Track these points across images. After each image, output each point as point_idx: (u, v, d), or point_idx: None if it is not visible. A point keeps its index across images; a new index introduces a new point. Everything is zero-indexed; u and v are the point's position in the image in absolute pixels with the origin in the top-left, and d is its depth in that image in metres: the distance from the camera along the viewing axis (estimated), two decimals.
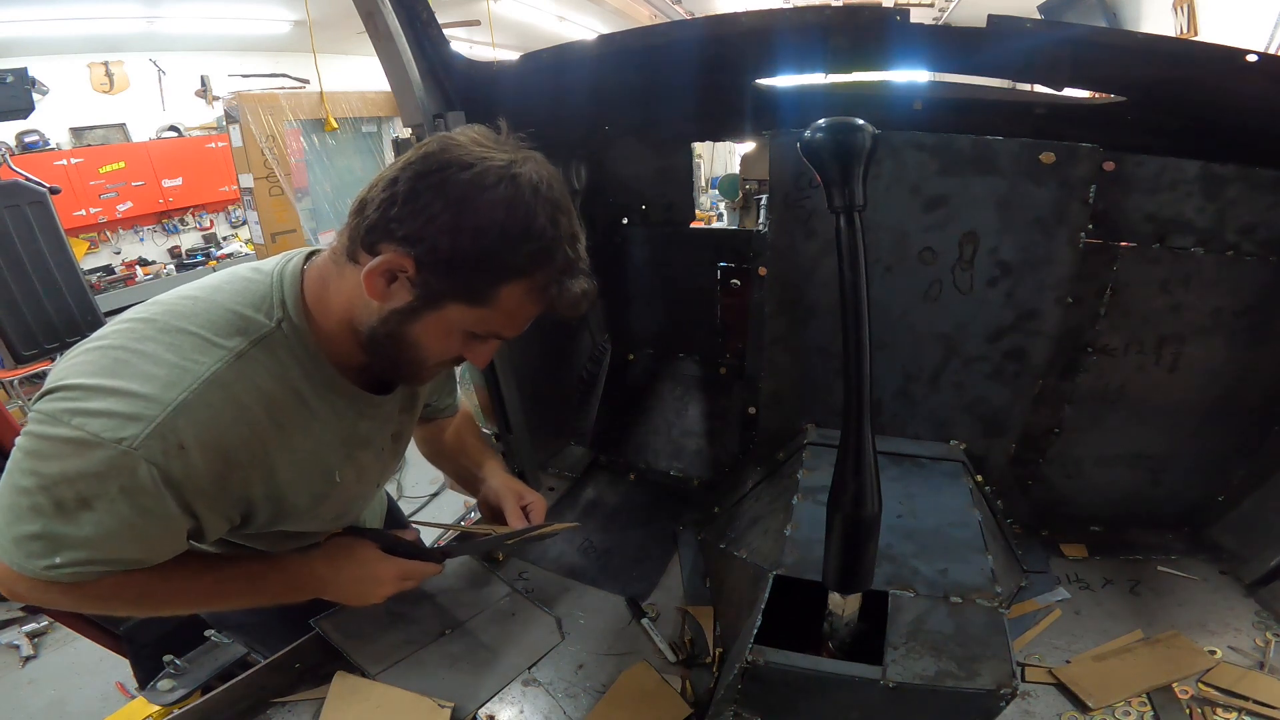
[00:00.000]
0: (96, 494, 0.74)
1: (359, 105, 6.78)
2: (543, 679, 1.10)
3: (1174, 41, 1.15)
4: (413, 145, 0.92)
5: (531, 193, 0.78)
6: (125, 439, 0.72)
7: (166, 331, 0.79)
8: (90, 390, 0.74)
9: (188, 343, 0.79)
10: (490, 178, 0.77)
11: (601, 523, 1.55)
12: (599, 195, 1.64)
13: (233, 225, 7.77)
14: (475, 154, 0.78)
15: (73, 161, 6.03)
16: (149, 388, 0.75)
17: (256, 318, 0.84)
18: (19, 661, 2.83)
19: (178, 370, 0.76)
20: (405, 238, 0.77)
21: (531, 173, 0.79)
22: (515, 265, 0.80)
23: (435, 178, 0.77)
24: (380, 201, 0.79)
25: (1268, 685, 0.99)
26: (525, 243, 0.79)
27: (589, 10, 8.22)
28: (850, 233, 0.77)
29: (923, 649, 0.92)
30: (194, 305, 0.83)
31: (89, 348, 0.79)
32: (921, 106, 1.28)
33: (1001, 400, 1.34)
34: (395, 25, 1.12)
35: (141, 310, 0.83)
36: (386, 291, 0.81)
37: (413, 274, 0.79)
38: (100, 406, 0.73)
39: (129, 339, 0.79)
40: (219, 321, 0.81)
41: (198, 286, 0.87)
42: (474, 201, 0.77)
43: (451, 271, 0.79)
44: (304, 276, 0.89)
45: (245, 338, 0.82)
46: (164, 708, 1.48)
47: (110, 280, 6.51)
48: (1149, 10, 5.26)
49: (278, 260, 0.91)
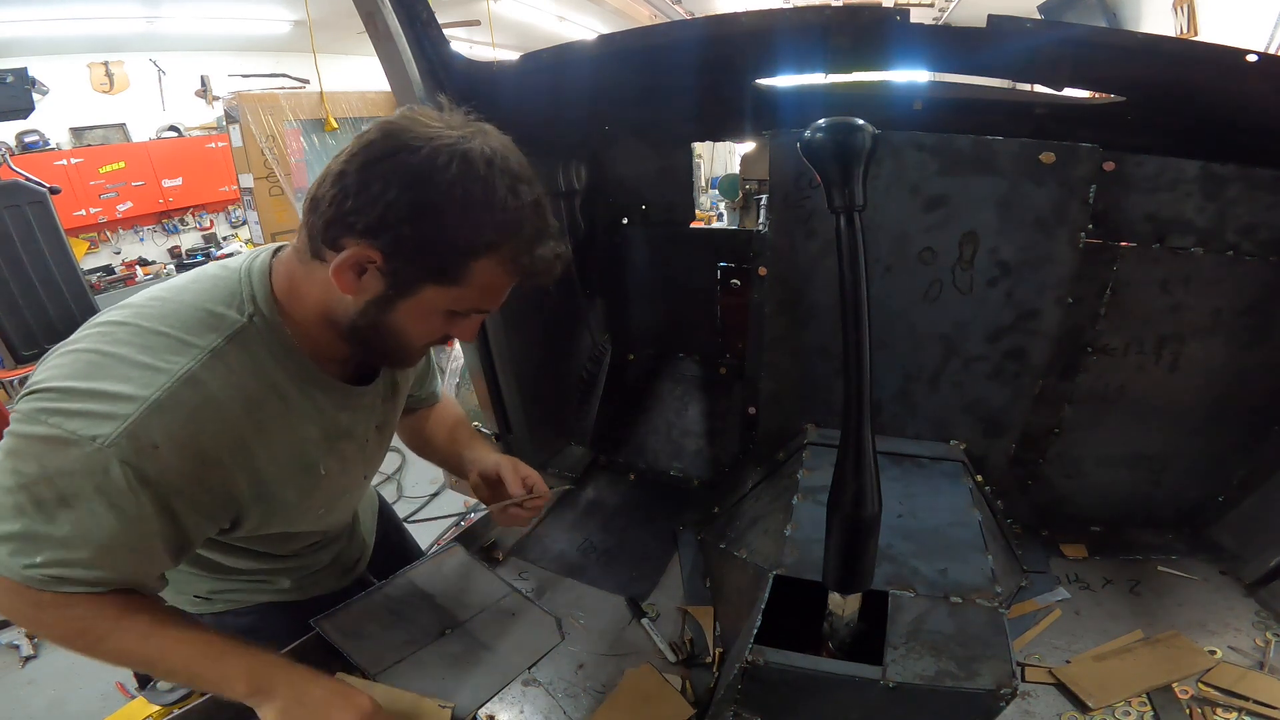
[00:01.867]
0: (74, 492, 0.74)
1: (359, 105, 6.78)
2: (543, 679, 1.10)
3: (1174, 41, 1.15)
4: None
5: (485, 166, 0.77)
6: (99, 437, 0.73)
7: (140, 334, 0.79)
8: (66, 392, 0.75)
9: (160, 343, 0.79)
10: (442, 157, 0.75)
11: (601, 523, 1.55)
12: (599, 195, 1.64)
13: (233, 225, 7.78)
14: (422, 135, 0.76)
15: (73, 161, 6.03)
16: (123, 388, 0.75)
17: (228, 314, 0.83)
18: (19, 661, 2.83)
19: (150, 371, 0.77)
20: (366, 229, 0.76)
21: (482, 145, 0.77)
22: (483, 241, 0.79)
23: (385, 165, 0.75)
24: (331, 197, 0.77)
25: (1268, 685, 0.99)
26: (488, 216, 0.78)
27: (589, 10, 8.22)
28: (850, 233, 0.77)
29: (923, 649, 0.92)
30: (163, 306, 0.83)
31: (64, 351, 0.80)
32: (921, 106, 1.28)
33: (1001, 400, 1.34)
34: (395, 25, 1.12)
35: (113, 313, 0.83)
36: (358, 284, 0.80)
37: (381, 264, 0.78)
38: (76, 407, 0.74)
39: (102, 342, 0.79)
40: (190, 320, 0.81)
41: (165, 288, 0.86)
42: (429, 183, 0.75)
43: (420, 256, 0.79)
44: (272, 271, 0.88)
45: (218, 334, 0.81)
46: (164, 708, 1.48)
47: (110, 280, 6.52)
48: (1149, 10, 5.27)
49: (244, 257, 0.90)
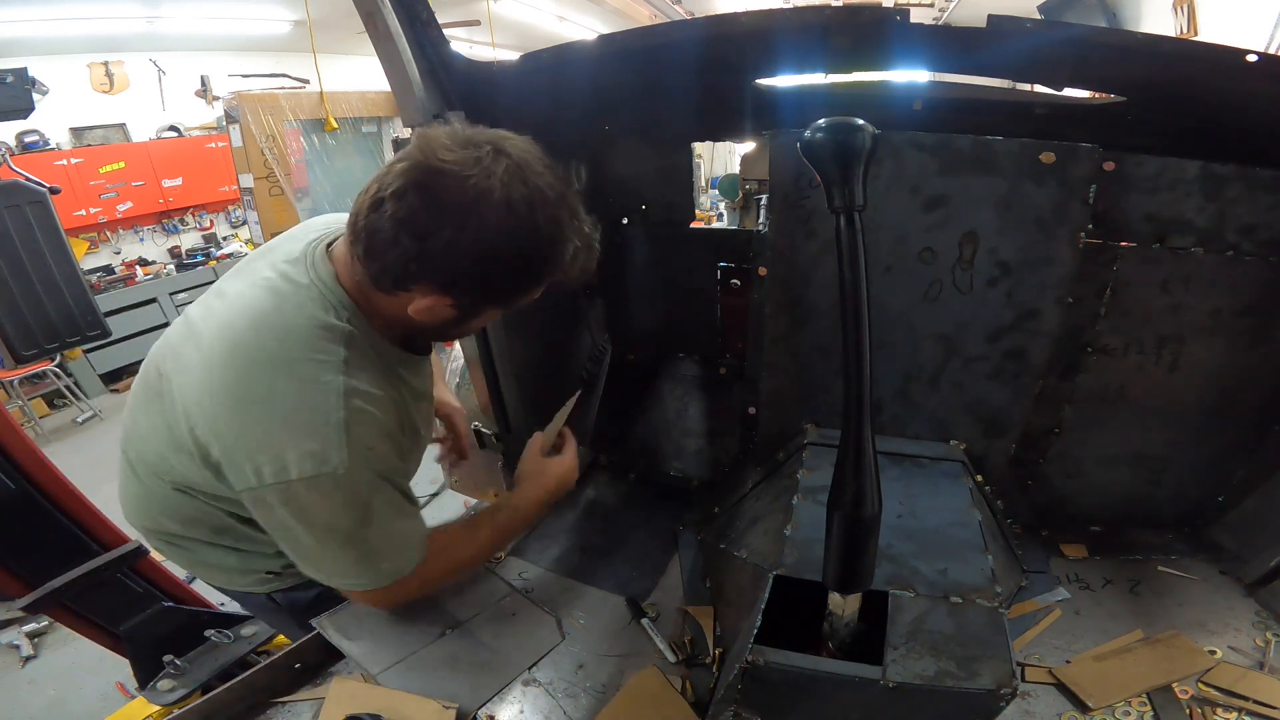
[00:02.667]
0: (362, 502, 0.93)
1: (359, 105, 6.79)
2: (543, 679, 1.10)
3: (1174, 41, 1.15)
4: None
5: (527, 207, 0.85)
6: (336, 465, 0.88)
7: (277, 367, 0.90)
8: (282, 464, 0.88)
9: (306, 371, 0.90)
10: (492, 215, 0.83)
11: (601, 523, 1.55)
12: (599, 195, 1.64)
13: (233, 225, 7.77)
14: (469, 187, 0.82)
15: (73, 161, 6.03)
16: (312, 420, 0.89)
17: (334, 322, 0.94)
18: (19, 661, 2.83)
19: (319, 396, 0.89)
20: (438, 282, 0.88)
21: (518, 187, 0.84)
22: (536, 275, 0.93)
23: (443, 220, 0.83)
24: (387, 241, 0.85)
25: (1268, 685, 0.99)
26: (539, 256, 0.90)
27: (589, 10, 8.22)
28: (850, 233, 0.77)
29: (923, 649, 0.92)
30: (276, 332, 0.91)
31: (228, 412, 0.90)
32: (921, 106, 1.28)
33: (1001, 400, 1.34)
34: (395, 25, 1.12)
35: (226, 353, 0.92)
36: (431, 315, 0.93)
37: (452, 304, 0.91)
38: (300, 460, 0.88)
39: (255, 389, 0.89)
40: (310, 338, 0.91)
41: (250, 312, 0.94)
42: (490, 243, 0.84)
43: (485, 298, 0.94)
44: (338, 275, 0.97)
45: (338, 343, 0.92)
46: (164, 708, 1.48)
47: (110, 280, 6.51)
48: (1149, 10, 5.27)
49: (295, 266, 0.98)
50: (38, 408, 5.69)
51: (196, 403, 0.93)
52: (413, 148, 0.86)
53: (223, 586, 1.26)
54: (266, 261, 1.01)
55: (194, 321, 1.02)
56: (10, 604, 1.53)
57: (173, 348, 1.03)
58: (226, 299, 1.00)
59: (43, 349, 3.95)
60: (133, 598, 1.65)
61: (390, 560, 1.01)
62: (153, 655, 1.53)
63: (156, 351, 1.08)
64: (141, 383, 1.08)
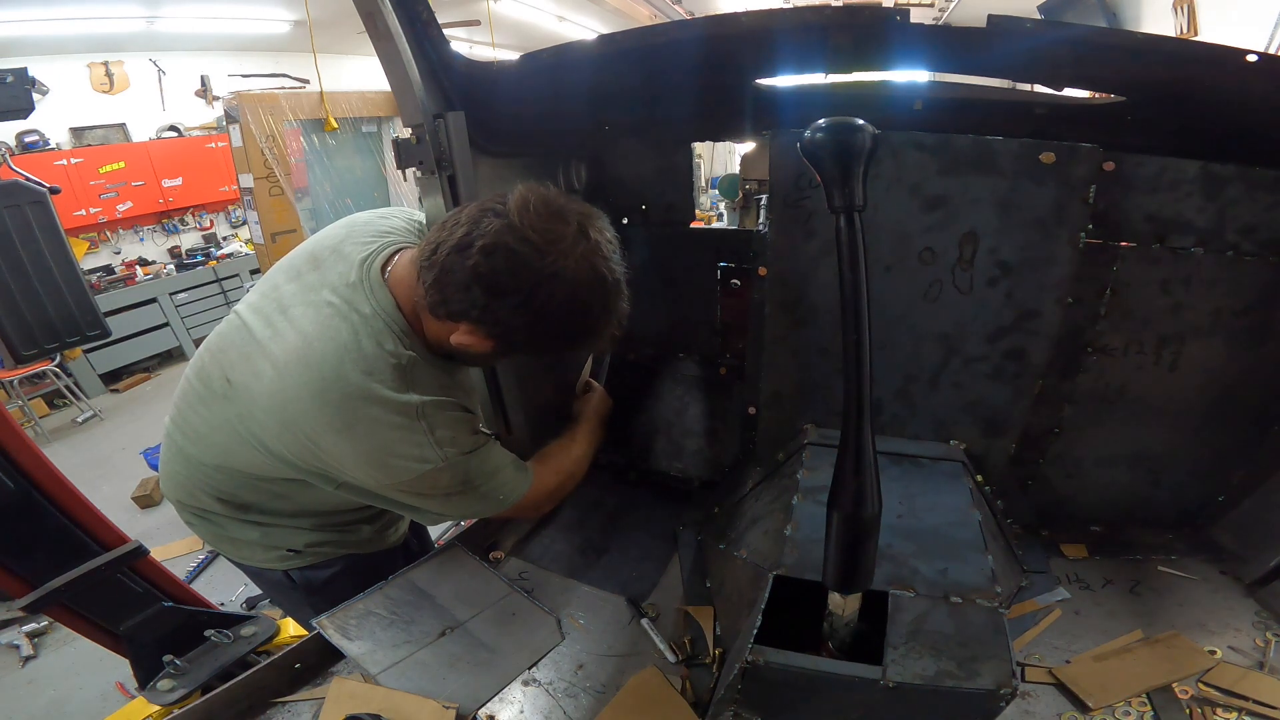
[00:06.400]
0: (462, 472, 1.14)
1: (359, 105, 6.79)
2: (543, 679, 1.10)
3: (1174, 41, 1.15)
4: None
5: (588, 293, 1.01)
6: (435, 459, 1.09)
7: (368, 398, 1.04)
8: (387, 465, 1.08)
9: (389, 396, 1.05)
10: (559, 294, 0.98)
11: (601, 523, 1.55)
12: (599, 195, 1.64)
13: (233, 225, 7.78)
14: (547, 264, 0.96)
15: (73, 161, 6.04)
16: (407, 434, 1.07)
17: (401, 350, 1.08)
18: (19, 661, 2.83)
19: (404, 416, 1.06)
20: (489, 329, 1.03)
21: (587, 271, 0.99)
22: (576, 346, 1.14)
23: (517, 285, 0.98)
24: (460, 285, 0.99)
25: (1268, 685, 0.99)
26: (586, 334, 1.07)
27: (589, 10, 8.22)
28: (850, 233, 0.77)
29: (923, 649, 0.92)
30: (356, 366, 1.04)
31: (334, 435, 1.07)
32: (921, 106, 1.28)
33: (1001, 400, 1.33)
34: (395, 25, 1.12)
35: (315, 387, 1.05)
36: (471, 347, 1.07)
37: (494, 347, 1.07)
38: (408, 465, 1.08)
39: (354, 418, 1.05)
40: (386, 368, 1.06)
41: (329, 345, 1.06)
42: (549, 316, 1.00)
43: (525, 348, 1.11)
44: (396, 300, 1.11)
45: (409, 366, 1.07)
46: (164, 708, 1.48)
47: (110, 280, 6.52)
48: (1149, 10, 5.27)
49: (356, 293, 1.10)
50: (38, 408, 5.70)
51: (281, 423, 1.08)
52: (513, 208, 0.97)
53: (243, 562, 1.38)
54: (321, 278, 1.14)
55: (258, 336, 1.13)
56: (10, 604, 1.52)
57: (243, 356, 1.14)
58: (293, 322, 1.11)
59: (43, 349, 3.94)
60: (133, 598, 1.64)
61: (504, 492, 1.23)
62: (153, 655, 1.53)
63: (219, 356, 1.19)
64: (201, 382, 1.21)
